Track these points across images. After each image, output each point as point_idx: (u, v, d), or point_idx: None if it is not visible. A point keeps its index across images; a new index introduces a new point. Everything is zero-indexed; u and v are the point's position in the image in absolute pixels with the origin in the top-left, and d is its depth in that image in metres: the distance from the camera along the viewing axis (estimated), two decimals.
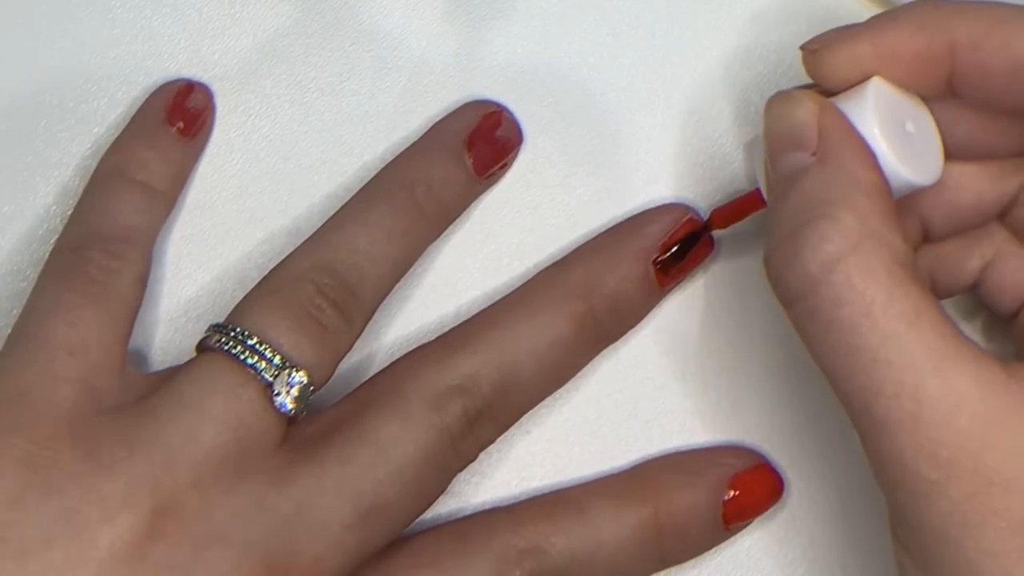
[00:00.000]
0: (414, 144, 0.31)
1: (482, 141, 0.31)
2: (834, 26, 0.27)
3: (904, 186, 0.25)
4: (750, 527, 0.30)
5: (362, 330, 0.29)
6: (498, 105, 0.32)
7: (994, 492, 0.22)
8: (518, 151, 0.32)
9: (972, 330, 0.31)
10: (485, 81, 0.32)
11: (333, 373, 0.28)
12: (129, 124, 0.31)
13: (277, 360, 0.27)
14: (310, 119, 0.32)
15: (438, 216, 0.30)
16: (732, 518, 0.29)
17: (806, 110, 0.25)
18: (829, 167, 0.25)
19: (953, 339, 0.23)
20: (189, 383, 0.27)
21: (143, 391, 0.27)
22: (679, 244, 0.30)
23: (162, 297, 0.31)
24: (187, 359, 0.28)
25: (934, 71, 0.26)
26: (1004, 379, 0.23)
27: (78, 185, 0.31)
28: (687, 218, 0.30)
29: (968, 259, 0.29)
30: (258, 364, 0.27)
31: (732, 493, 0.29)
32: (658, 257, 0.30)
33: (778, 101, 0.26)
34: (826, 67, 0.26)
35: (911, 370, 0.23)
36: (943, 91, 0.26)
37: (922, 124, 0.26)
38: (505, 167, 0.32)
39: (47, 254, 0.30)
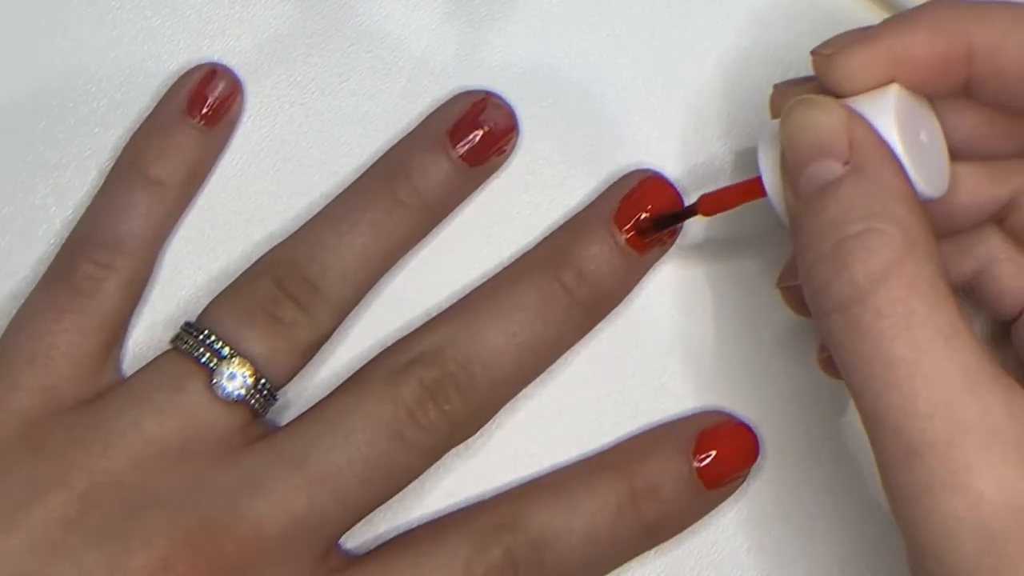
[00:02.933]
0: (400, 140, 0.31)
1: (466, 128, 0.30)
2: (833, 26, 0.27)
3: (919, 199, 0.25)
4: (750, 527, 0.30)
5: (333, 324, 0.29)
6: (486, 92, 0.31)
7: None
8: (515, 138, 0.31)
9: None
10: (485, 82, 0.32)
11: (298, 365, 0.29)
12: (150, 114, 0.31)
13: (225, 352, 0.28)
14: (310, 119, 0.32)
15: (420, 208, 0.30)
16: (709, 477, 0.29)
17: (833, 117, 0.25)
18: (865, 177, 0.24)
19: (985, 360, 0.23)
20: (138, 378, 0.29)
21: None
22: (654, 222, 0.30)
23: (161, 299, 0.31)
24: None
25: (951, 74, 0.25)
26: None
27: (78, 186, 0.31)
28: (651, 176, 0.31)
29: (962, 261, 0.28)
30: (203, 355, 0.28)
31: (705, 453, 0.29)
32: (628, 228, 0.30)
33: (801, 108, 0.25)
34: (840, 72, 0.26)
35: (945, 389, 0.22)
36: (957, 93, 0.26)
37: (933, 134, 0.26)
38: (501, 154, 0.31)
39: (46, 254, 0.30)
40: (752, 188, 0.27)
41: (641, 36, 0.32)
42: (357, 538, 0.30)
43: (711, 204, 0.29)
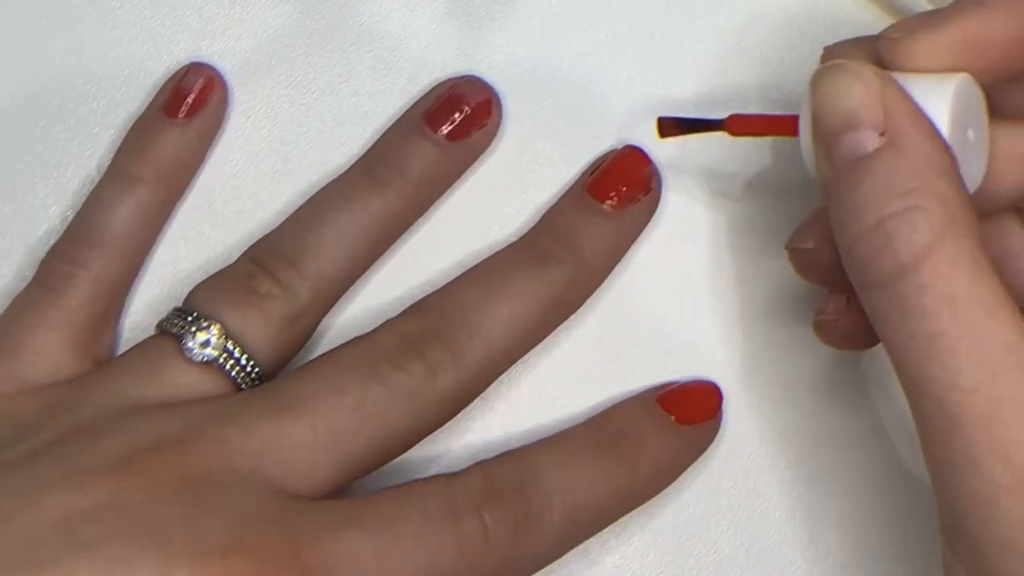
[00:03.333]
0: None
1: (441, 107, 0.31)
2: (834, 26, 0.27)
3: None
4: (750, 527, 0.30)
5: (312, 299, 0.29)
6: (462, 76, 0.32)
7: None
8: (497, 114, 0.31)
9: None
10: None
11: (276, 338, 0.29)
12: (135, 120, 0.31)
13: (196, 319, 0.28)
14: (309, 120, 0.32)
15: (401, 187, 0.30)
16: (672, 408, 0.30)
17: (868, 85, 0.24)
18: (903, 150, 0.24)
19: None
20: (120, 357, 0.29)
21: None
22: (680, 123, 0.29)
23: (161, 298, 0.31)
24: None
25: (1022, 59, 0.25)
26: None
27: (77, 186, 0.31)
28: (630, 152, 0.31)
29: None
30: (174, 323, 0.29)
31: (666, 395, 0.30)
32: (591, 185, 0.30)
33: (830, 76, 0.24)
34: (908, 56, 0.25)
35: (989, 364, 0.22)
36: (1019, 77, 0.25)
37: (979, 132, 0.26)
38: (484, 130, 0.31)
39: (46, 255, 0.30)
40: (785, 124, 0.27)
41: (641, 36, 0.32)
42: None
43: (739, 124, 0.28)
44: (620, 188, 0.30)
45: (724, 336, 0.31)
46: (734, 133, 0.28)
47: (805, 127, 0.25)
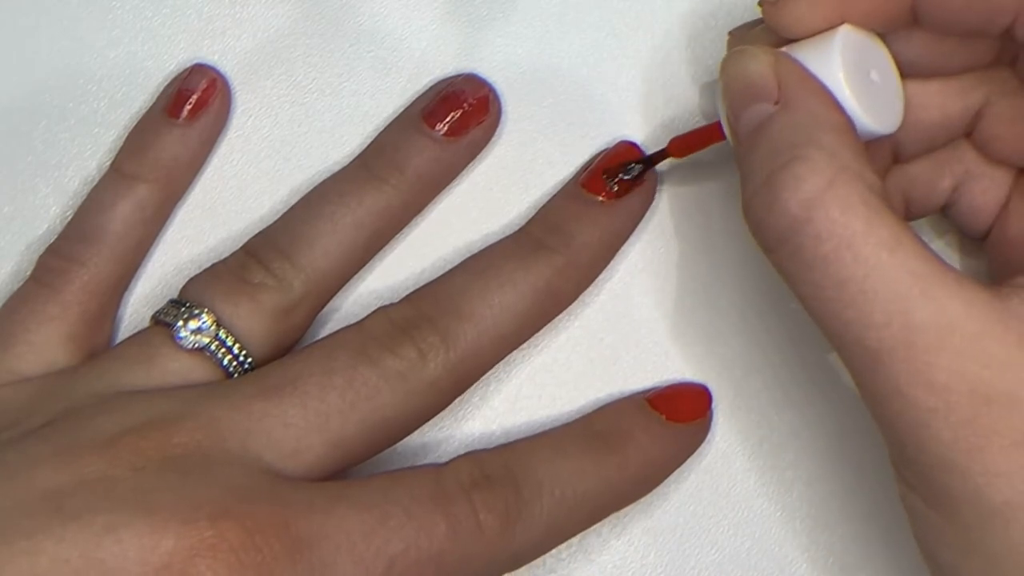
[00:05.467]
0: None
1: (439, 104, 0.31)
2: None
3: (867, 134, 0.26)
4: (751, 527, 0.30)
5: (306, 291, 0.29)
6: (459, 74, 0.32)
7: (993, 411, 0.22)
8: (495, 111, 0.31)
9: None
10: None
11: (270, 329, 0.29)
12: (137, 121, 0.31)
13: (188, 307, 0.28)
14: (310, 120, 0.32)
15: (397, 182, 0.30)
16: (662, 407, 0.30)
17: (761, 62, 0.26)
18: (792, 111, 0.25)
19: (934, 263, 0.23)
20: (115, 346, 0.29)
21: None
22: (623, 167, 0.30)
23: (161, 297, 0.31)
24: None
25: (897, 6, 0.26)
26: (988, 298, 0.23)
27: (78, 186, 0.31)
28: (623, 146, 0.31)
29: (939, 179, 0.29)
30: (167, 313, 0.29)
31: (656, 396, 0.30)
32: (584, 179, 0.31)
33: (732, 60, 0.26)
34: (789, 17, 0.26)
35: (898, 297, 0.23)
36: (905, 23, 0.26)
37: (886, 72, 0.27)
38: (482, 127, 0.31)
39: (44, 252, 0.30)
40: (713, 131, 0.28)
41: (641, 36, 0.32)
42: None
43: (679, 145, 0.30)
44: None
45: (724, 336, 0.31)
46: (677, 155, 0.30)
47: (726, 125, 0.27)
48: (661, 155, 0.30)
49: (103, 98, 0.32)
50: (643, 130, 0.32)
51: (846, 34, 0.26)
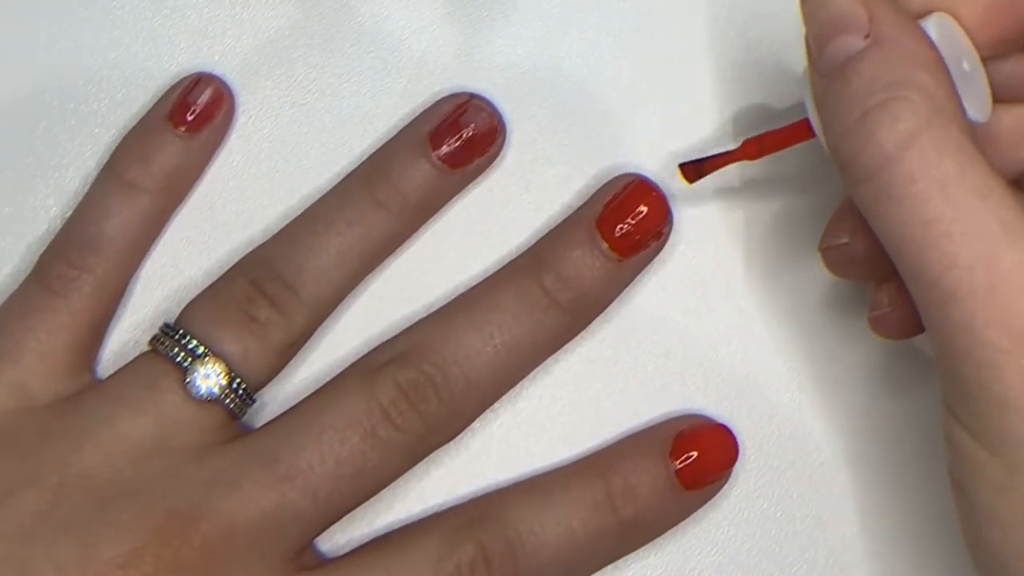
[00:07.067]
0: (383, 143, 0.31)
1: (447, 131, 0.30)
2: None
3: None
4: (750, 527, 0.30)
5: (309, 323, 0.29)
6: (470, 95, 0.31)
7: None
8: (499, 139, 0.31)
9: None
10: (485, 82, 0.32)
11: (274, 364, 0.29)
12: (136, 123, 0.31)
13: (199, 351, 0.28)
14: (310, 120, 0.32)
15: (400, 209, 0.30)
16: (687, 478, 0.29)
17: None
18: (886, 48, 0.24)
19: (1021, 214, 0.23)
20: (115, 378, 0.29)
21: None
22: (696, 166, 0.29)
23: (161, 299, 0.31)
24: None
25: (1011, 17, 0.25)
26: None
27: (78, 186, 0.31)
28: (637, 181, 0.30)
29: (1019, 148, 0.28)
30: (177, 354, 0.28)
31: (683, 454, 0.29)
32: (599, 219, 0.30)
33: None
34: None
35: (985, 242, 0.23)
36: (1014, 41, 0.26)
37: (975, 65, 0.26)
38: (485, 155, 0.31)
39: (45, 255, 0.30)
40: (798, 130, 0.27)
41: (641, 36, 0.32)
42: (338, 545, 0.30)
43: (754, 147, 0.29)
44: (633, 237, 0.30)
45: (723, 337, 0.31)
46: (751, 157, 0.29)
47: (814, 118, 0.26)
48: (731, 156, 0.29)
49: (103, 99, 0.32)
50: (643, 130, 0.32)
51: (940, 19, 0.25)
